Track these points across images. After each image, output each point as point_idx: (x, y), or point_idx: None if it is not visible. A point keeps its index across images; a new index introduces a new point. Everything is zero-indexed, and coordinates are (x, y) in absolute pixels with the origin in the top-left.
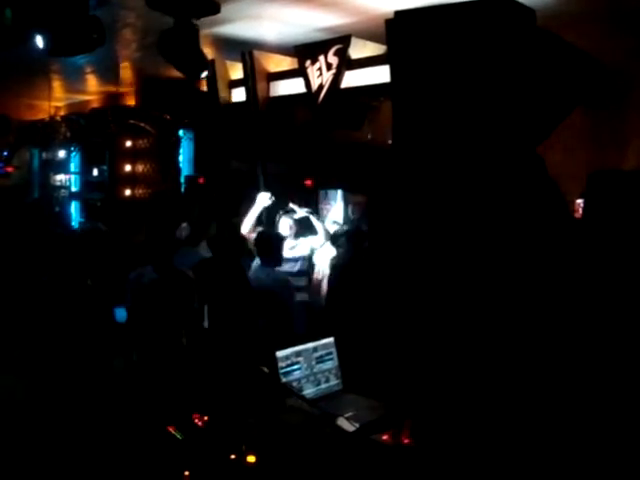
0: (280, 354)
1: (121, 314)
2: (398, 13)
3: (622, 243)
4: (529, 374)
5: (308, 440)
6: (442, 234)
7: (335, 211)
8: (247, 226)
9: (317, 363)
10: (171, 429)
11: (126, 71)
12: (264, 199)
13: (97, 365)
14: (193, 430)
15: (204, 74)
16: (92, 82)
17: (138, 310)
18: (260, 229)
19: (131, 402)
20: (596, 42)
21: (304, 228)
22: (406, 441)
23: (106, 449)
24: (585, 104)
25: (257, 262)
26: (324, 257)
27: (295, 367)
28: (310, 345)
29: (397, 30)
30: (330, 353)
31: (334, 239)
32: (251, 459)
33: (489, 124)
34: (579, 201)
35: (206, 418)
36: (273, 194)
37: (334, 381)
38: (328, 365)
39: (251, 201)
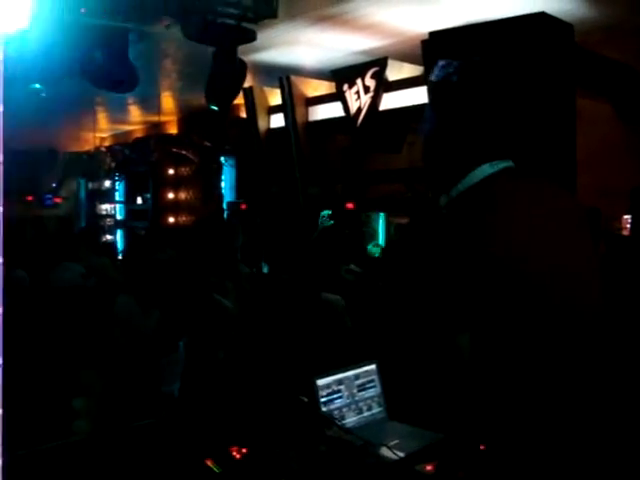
0: (320, 382)
1: None
2: (433, 34)
3: None
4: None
5: (349, 471)
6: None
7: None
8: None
9: (359, 391)
10: (209, 462)
11: (167, 100)
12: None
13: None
14: (231, 463)
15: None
16: (135, 112)
17: None
18: None
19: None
20: (635, 55)
21: None
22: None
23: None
24: (627, 119)
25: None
26: None
27: (336, 396)
28: (351, 372)
29: (433, 50)
30: (372, 380)
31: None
32: None
33: (529, 141)
34: (626, 217)
35: (244, 450)
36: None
37: (377, 409)
38: (371, 393)
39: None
